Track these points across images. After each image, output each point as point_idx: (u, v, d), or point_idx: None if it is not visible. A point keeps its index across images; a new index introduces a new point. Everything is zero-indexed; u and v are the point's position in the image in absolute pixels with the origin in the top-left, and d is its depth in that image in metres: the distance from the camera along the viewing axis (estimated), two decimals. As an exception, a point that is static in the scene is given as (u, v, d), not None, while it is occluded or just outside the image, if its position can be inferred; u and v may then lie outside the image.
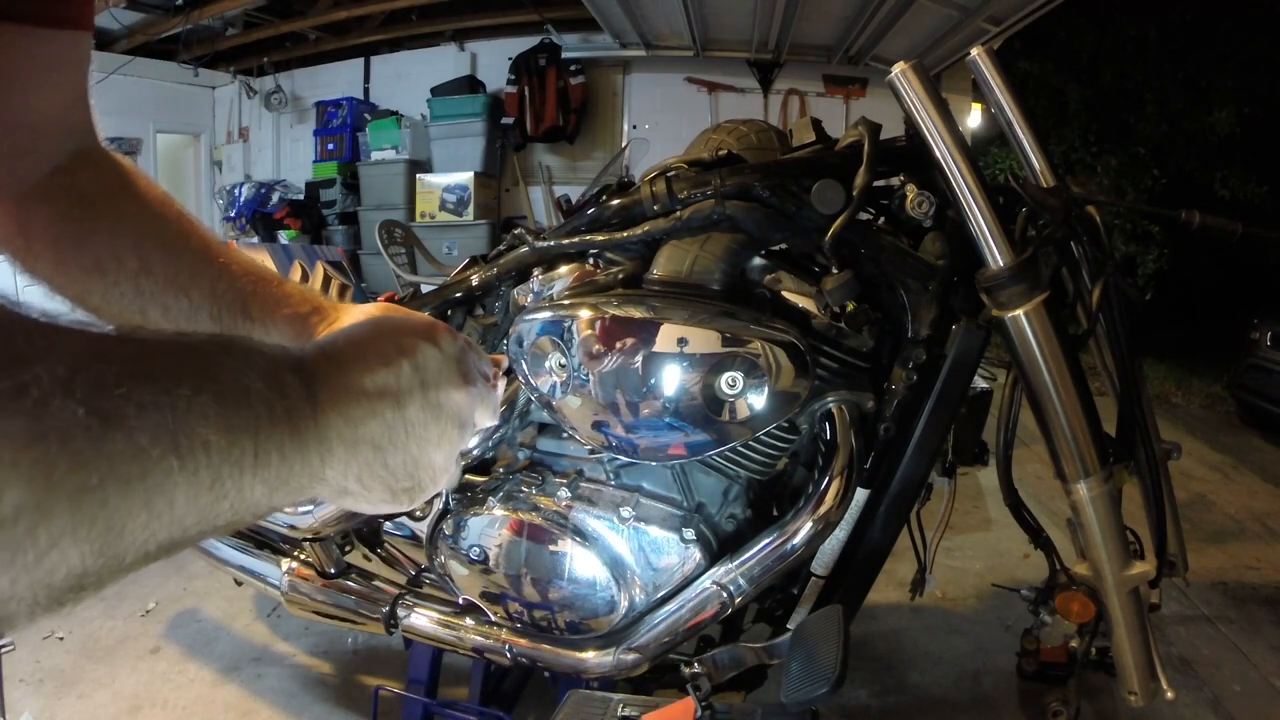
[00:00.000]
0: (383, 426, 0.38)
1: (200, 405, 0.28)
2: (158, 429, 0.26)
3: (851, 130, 1.30)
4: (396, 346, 0.40)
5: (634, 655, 1.35)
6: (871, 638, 2.20)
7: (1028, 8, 4.28)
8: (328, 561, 1.62)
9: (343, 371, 0.37)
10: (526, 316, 1.30)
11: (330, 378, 0.36)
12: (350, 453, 0.36)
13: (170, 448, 0.26)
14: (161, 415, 0.26)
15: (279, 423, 0.32)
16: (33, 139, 0.54)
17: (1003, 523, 2.72)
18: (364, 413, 0.37)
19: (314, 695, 1.94)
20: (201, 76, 6.15)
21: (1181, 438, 2.62)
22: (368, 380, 0.38)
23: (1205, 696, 1.96)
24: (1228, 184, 6.59)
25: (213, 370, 0.30)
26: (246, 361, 0.31)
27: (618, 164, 4.37)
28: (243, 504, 0.30)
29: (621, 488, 1.38)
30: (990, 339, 1.30)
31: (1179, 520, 1.54)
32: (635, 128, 5.87)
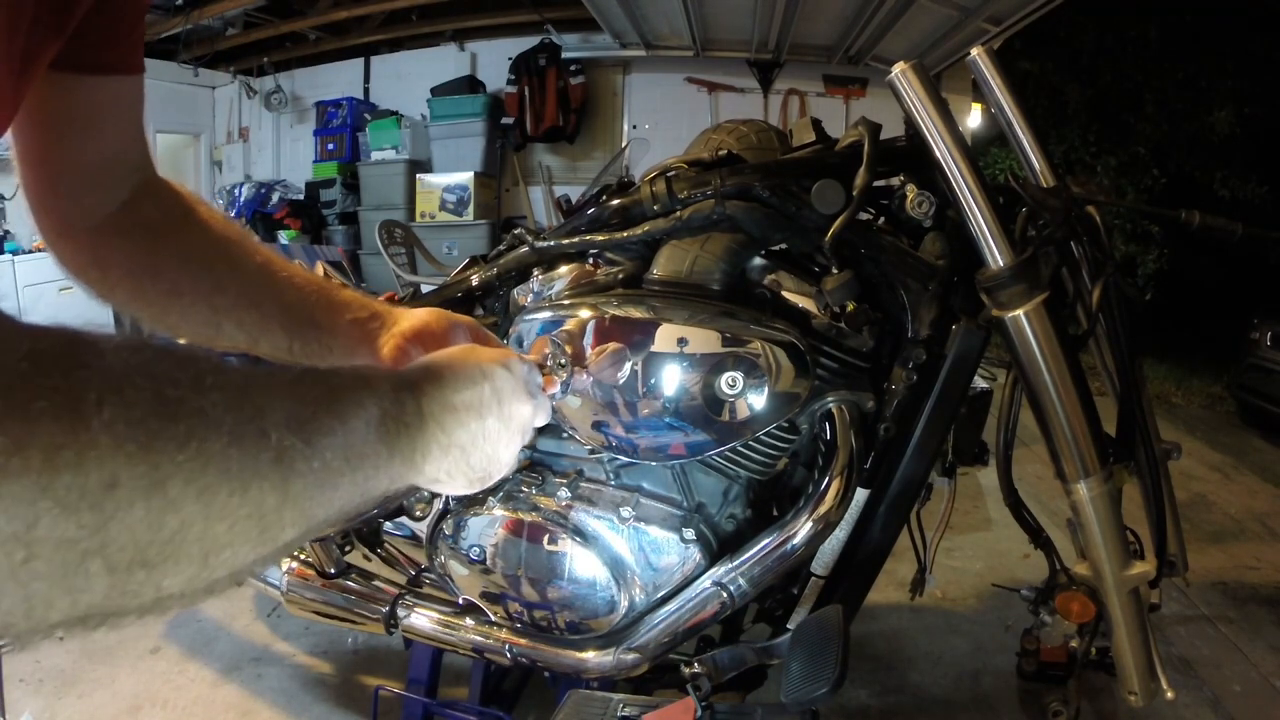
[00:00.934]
0: (468, 434, 0.47)
1: (359, 429, 0.39)
2: (338, 447, 0.37)
3: (851, 130, 1.30)
4: (481, 371, 0.50)
5: (634, 655, 1.35)
6: (871, 638, 2.20)
7: (1028, 8, 4.28)
8: (328, 561, 1.62)
9: (441, 391, 0.47)
10: (526, 316, 1.31)
11: (433, 396, 0.46)
12: (443, 453, 0.46)
13: (344, 460, 0.37)
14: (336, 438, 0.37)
15: (400, 435, 0.42)
16: (97, 178, 0.58)
17: (1003, 523, 2.73)
18: (455, 423, 0.47)
19: (314, 695, 1.94)
20: (201, 76, 6.14)
21: (1181, 438, 2.62)
22: (458, 398, 0.47)
23: (1205, 696, 1.96)
24: (1228, 184, 6.59)
25: (362, 400, 0.40)
26: (379, 391, 0.42)
27: (618, 164, 4.37)
28: (374, 492, 0.41)
29: (621, 488, 1.38)
30: (990, 339, 1.30)
31: (1179, 520, 1.53)
32: (635, 128, 5.87)
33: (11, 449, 0.25)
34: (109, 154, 0.59)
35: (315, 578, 1.63)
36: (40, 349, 0.27)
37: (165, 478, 0.29)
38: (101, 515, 0.27)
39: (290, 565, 1.65)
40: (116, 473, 0.27)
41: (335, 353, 0.63)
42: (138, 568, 0.29)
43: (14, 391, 0.26)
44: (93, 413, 0.27)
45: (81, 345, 0.29)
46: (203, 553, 0.31)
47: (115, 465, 0.27)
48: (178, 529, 0.29)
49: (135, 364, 0.29)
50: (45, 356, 0.27)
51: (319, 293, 0.63)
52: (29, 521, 0.25)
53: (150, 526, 0.28)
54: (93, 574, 0.27)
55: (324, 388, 0.39)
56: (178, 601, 0.31)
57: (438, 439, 0.45)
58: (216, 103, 6.49)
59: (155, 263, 0.61)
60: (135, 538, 0.28)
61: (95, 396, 0.27)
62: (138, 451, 0.28)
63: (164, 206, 0.62)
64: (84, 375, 0.27)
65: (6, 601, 0.26)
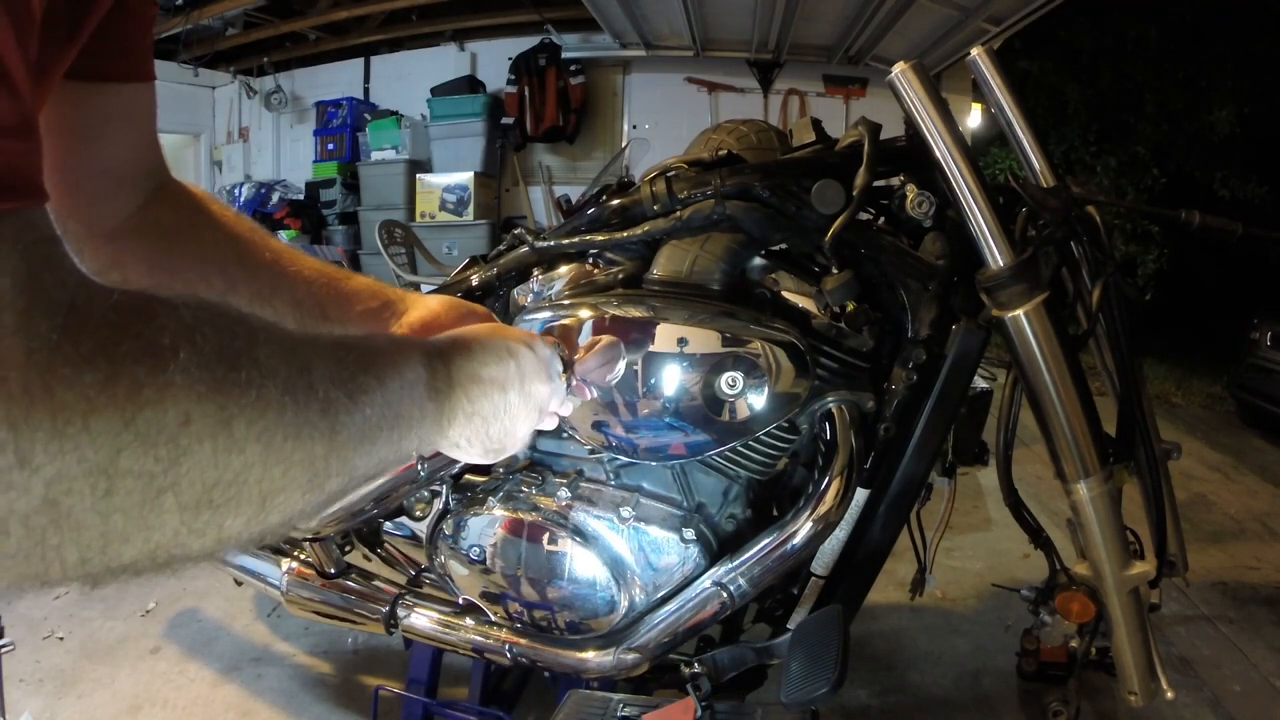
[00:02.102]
0: (490, 405, 0.51)
1: (395, 389, 0.42)
2: (377, 405, 0.40)
3: (851, 130, 1.30)
4: (507, 349, 0.54)
5: (634, 655, 1.35)
6: (871, 638, 2.20)
7: (1028, 8, 4.28)
8: (328, 561, 1.62)
9: (470, 362, 0.51)
10: (526, 316, 1.30)
11: (461, 366, 0.50)
12: (467, 420, 0.50)
13: (384, 416, 0.41)
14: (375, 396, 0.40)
15: (430, 400, 0.46)
16: (114, 183, 0.60)
17: (1003, 523, 2.73)
18: (480, 393, 0.50)
19: (314, 695, 1.94)
20: (201, 76, 6.14)
21: (1181, 438, 2.62)
22: (485, 371, 0.51)
23: (1205, 696, 1.96)
24: (1228, 184, 6.58)
25: (399, 365, 0.44)
26: (413, 358, 0.46)
27: (618, 164, 4.36)
28: (407, 450, 0.44)
29: (621, 488, 1.38)
30: (990, 339, 1.30)
31: (1179, 520, 1.54)
32: (635, 128, 5.87)
33: (101, 385, 0.28)
34: (125, 160, 0.60)
35: (315, 578, 1.63)
36: (124, 301, 0.30)
37: (231, 418, 0.31)
38: (176, 450, 0.30)
39: (290, 565, 1.65)
40: (190, 410, 0.30)
41: None
42: (205, 506, 0.31)
43: (102, 335, 0.28)
44: (169, 356, 0.30)
45: (157, 299, 0.32)
46: (261, 495, 0.33)
47: (189, 404, 0.30)
48: (241, 470, 0.32)
49: (203, 317, 0.32)
50: (128, 307, 0.30)
51: (329, 285, 0.65)
52: (113, 453, 0.28)
53: (217, 465, 0.31)
54: (165, 509, 0.30)
55: (362, 350, 0.42)
56: (235, 543, 0.34)
57: (463, 406, 0.49)
58: (216, 103, 6.49)
59: (172, 263, 0.63)
60: (204, 475, 0.31)
61: (170, 342, 0.30)
62: (207, 393, 0.31)
63: (179, 208, 0.64)
64: (161, 324, 0.30)
65: (86, 534, 0.28)
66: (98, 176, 0.59)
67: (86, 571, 0.29)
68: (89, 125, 0.57)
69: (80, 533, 0.28)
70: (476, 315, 0.66)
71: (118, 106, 0.58)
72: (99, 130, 0.58)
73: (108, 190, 0.60)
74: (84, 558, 0.28)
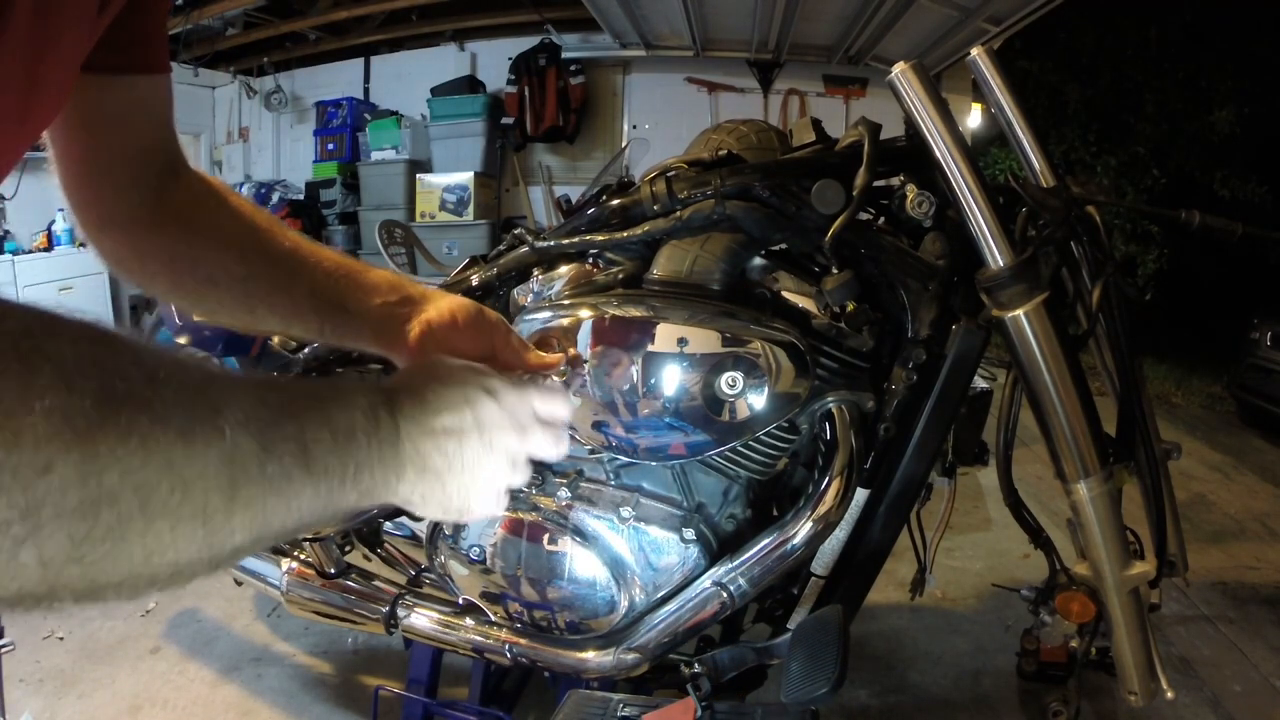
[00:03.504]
0: (444, 459, 0.46)
1: (325, 441, 0.39)
2: (297, 456, 0.37)
3: (851, 130, 1.30)
4: (465, 397, 0.49)
5: (634, 655, 1.35)
6: (871, 638, 2.20)
7: (1028, 8, 4.28)
8: (328, 561, 1.62)
9: (422, 411, 0.46)
10: (526, 316, 1.30)
11: (411, 415, 0.45)
12: (418, 476, 0.45)
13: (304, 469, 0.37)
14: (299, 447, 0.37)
15: (373, 451, 0.42)
16: (132, 174, 0.60)
17: (1003, 523, 2.72)
18: (432, 447, 0.46)
19: (314, 695, 1.94)
20: (201, 76, 6.13)
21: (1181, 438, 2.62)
22: (438, 421, 0.46)
23: (1205, 696, 1.96)
24: (1228, 184, 6.57)
25: (329, 413, 0.40)
26: (353, 404, 0.42)
27: (618, 164, 4.36)
28: (342, 504, 0.41)
29: (621, 488, 1.38)
30: (990, 339, 1.30)
31: (1179, 520, 1.53)
32: (635, 128, 5.86)
33: None
34: (142, 151, 0.61)
35: (315, 578, 1.63)
36: (4, 329, 0.28)
37: (102, 468, 0.29)
38: (34, 497, 0.27)
39: (290, 565, 1.65)
40: (52, 458, 0.28)
41: (364, 336, 0.64)
42: (72, 561, 0.29)
43: None
44: (36, 397, 0.28)
45: (42, 329, 0.29)
46: (144, 551, 0.31)
47: (51, 450, 0.28)
48: (114, 524, 0.29)
49: (90, 355, 0.30)
50: (6, 338, 0.28)
51: (348, 276, 0.64)
52: None
53: (85, 518, 0.29)
54: (24, 562, 0.28)
55: (293, 394, 0.39)
56: (115, 593, 0.32)
57: (413, 460, 0.45)
58: (216, 103, 6.48)
59: (192, 253, 0.63)
60: (69, 529, 0.28)
61: (44, 382, 0.28)
62: (74, 439, 0.28)
63: (197, 198, 0.64)
64: (37, 361, 0.28)
65: None
66: (116, 167, 0.60)
67: None
68: (107, 117, 0.57)
69: None
70: (490, 322, 0.65)
71: (135, 98, 0.58)
72: (117, 121, 0.58)
73: (126, 180, 0.60)
74: None
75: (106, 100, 0.57)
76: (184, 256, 0.63)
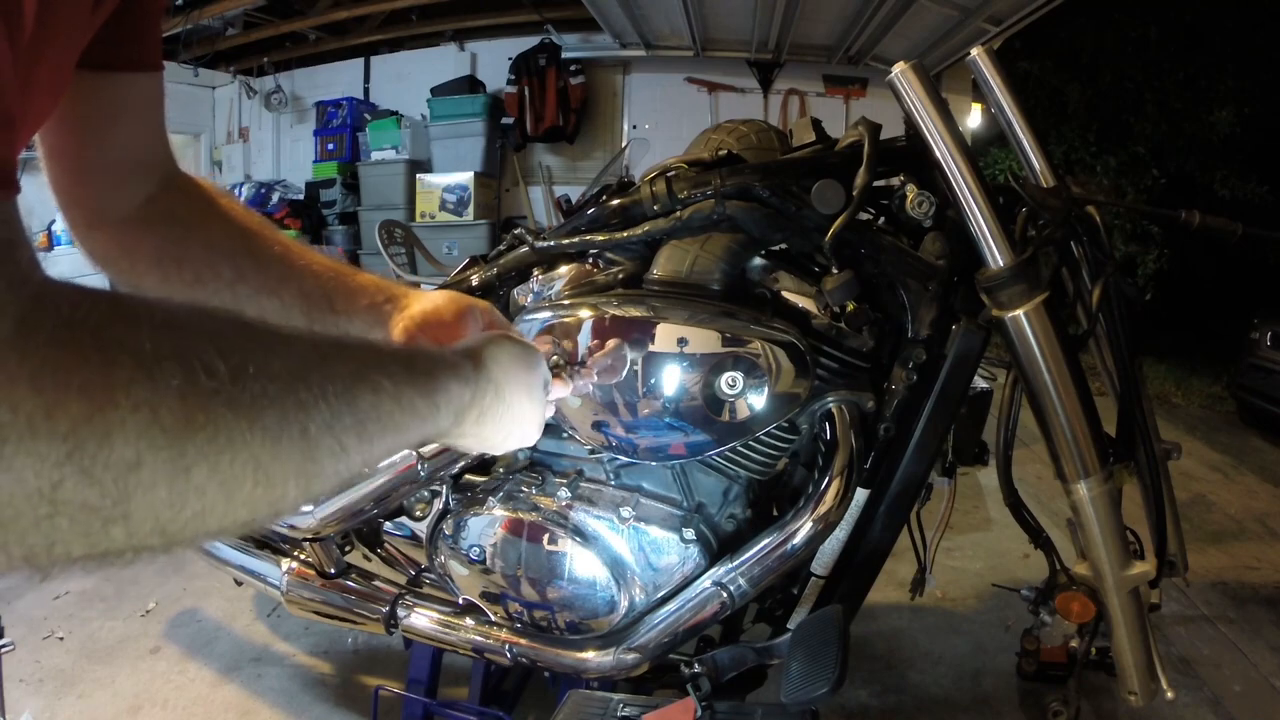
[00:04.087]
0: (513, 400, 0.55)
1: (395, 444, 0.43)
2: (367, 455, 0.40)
3: (851, 130, 1.30)
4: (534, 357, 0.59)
5: (634, 655, 1.35)
6: (871, 638, 2.20)
7: (1028, 8, 4.28)
8: (328, 561, 1.62)
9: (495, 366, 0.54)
10: (526, 316, 1.30)
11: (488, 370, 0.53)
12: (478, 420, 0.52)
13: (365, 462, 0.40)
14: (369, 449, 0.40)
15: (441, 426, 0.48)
16: (123, 173, 0.60)
17: (1003, 523, 2.72)
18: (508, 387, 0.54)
19: (314, 695, 1.94)
20: (201, 76, 6.14)
21: (1181, 438, 2.62)
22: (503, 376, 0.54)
23: (1205, 696, 1.96)
24: (1228, 184, 6.57)
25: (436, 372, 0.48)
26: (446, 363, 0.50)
27: (618, 164, 4.36)
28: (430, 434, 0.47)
29: (621, 488, 1.38)
30: (990, 339, 1.30)
31: (1179, 520, 1.53)
32: (635, 128, 5.87)
33: (42, 411, 0.26)
34: (134, 150, 0.61)
35: (315, 578, 1.63)
36: (79, 317, 0.28)
37: (190, 464, 0.30)
38: (124, 489, 0.28)
39: (290, 565, 1.65)
40: (141, 454, 0.28)
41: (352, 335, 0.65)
42: (156, 534, 0.30)
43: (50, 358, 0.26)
44: (122, 393, 0.28)
45: (120, 319, 0.29)
46: (219, 524, 0.32)
47: (140, 447, 0.28)
48: (199, 511, 0.31)
49: (169, 347, 0.30)
50: (83, 325, 0.28)
51: (336, 279, 0.65)
52: (54, 481, 0.26)
53: (172, 506, 0.30)
54: (114, 535, 0.29)
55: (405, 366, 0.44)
56: (188, 546, 0.33)
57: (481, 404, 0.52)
58: (216, 103, 6.49)
59: (181, 253, 0.63)
60: (156, 515, 0.29)
61: (125, 376, 0.28)
62: (162, 436, 0.29)
63: (188, 199, 0.64)
64: (115, 353, 0.28)
65: (30, 540, 0.27)
66: (108, 165, 0.60)
67: (33, 565, 0.28)
68: (100, 114, 0.57)
69: (24, 539, 0.27)
70: (477, 309, 0.67)
71: (128, 96, 0.58)
72: (110, 119, 0.58)
73: (118, 179, 0.60)
74: (29, 556, 0.27)
75: (99, 97, 0.56)
76: (172, 257, 0.63)
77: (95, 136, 0.58)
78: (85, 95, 0.55)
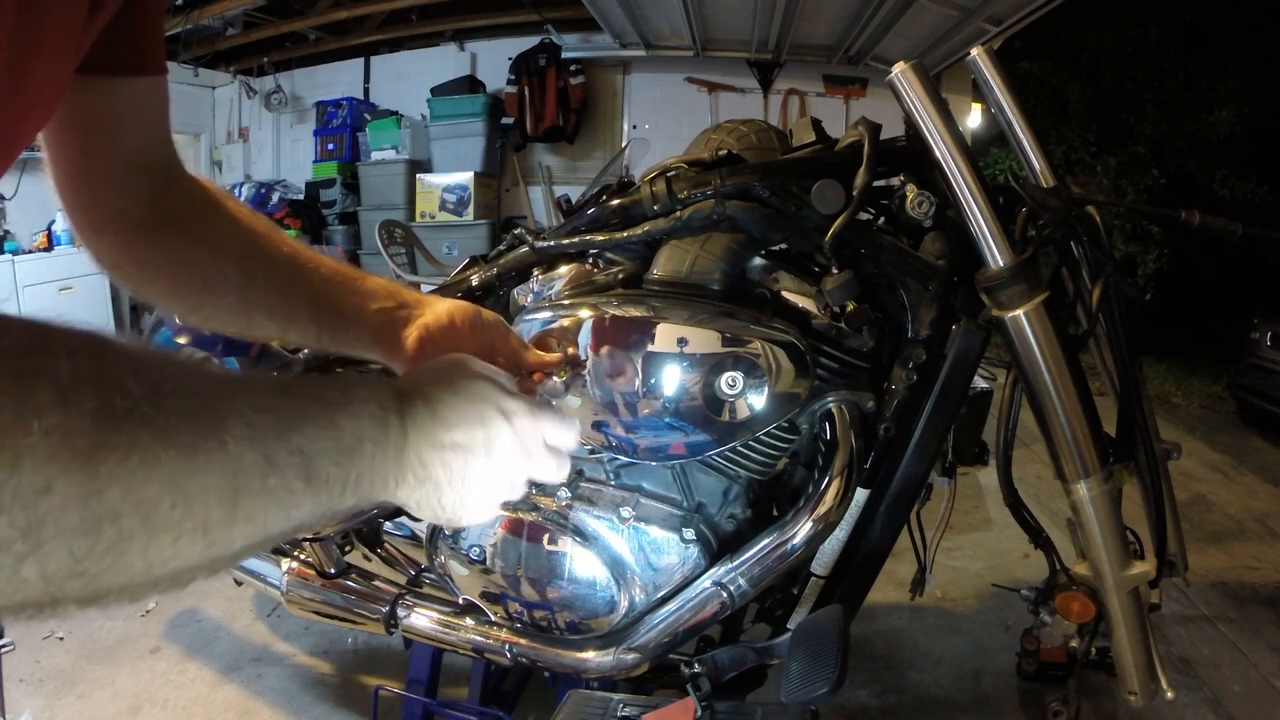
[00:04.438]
0: (446, 473, 0.46)
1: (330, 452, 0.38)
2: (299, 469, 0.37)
3: (851, 130, 1.30)
4: (480, 418, 0.48)
5: (634, 655, 1.35)
6: (871, 638, 2.20)
7: (1028, 8, 4.28)
8: (328, 561, 1.62)
9: (433, 423, 0.46)
10: (526, 316, 1.30)
11: (422, 427, 0.45)
12: (418, 483, 0.45)
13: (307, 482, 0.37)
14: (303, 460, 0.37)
15: (376, 459, 0.42)
16: (128, 177, 0.60)
17: (1003, 523, 2.72)
18: (437, 460, 0.45)
19: (314, 695, 1.94)
20: (201, 76, 6.13)
21: (1181, 438, 2.62)
22: (448, 436, 0.46)
23: (1205, 696, 1.96)
24: (1228, 184, 6.57)
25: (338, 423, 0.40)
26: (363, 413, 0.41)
27: (618, 164, 4.36)
28: (337, 510, 0.40)
29: (621, 488, 1.38)
30: (990, 339, 1.30)
31: (1179, 520, 1.53)
32: (635, 128, 5.87)
33: None
34: (138, 153, 0.60)
35: (315, 578, 1.63)
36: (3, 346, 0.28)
37: (102, 487, 0.29)
38: (35, 516, 0.27)
39: (290, 565, 1.65)
40: (51, 478, 0.27)
41: (362, 341, 0.64)
42: (74, 576, 0.29)
43: None
44: (34, 416, 0.27)
45: (39, 347, 0.29)
46: (145, 563, 0.31)
47: (50, 470, 0.27)
48: (116, 540, 0.29)
49: (88, 370, 0.30)
50: (5, 354, 0.28)
51: (345, 283, 0.64)
52: None
53: (86, 536, 0.29)
54: (27, 578, 0.28)
55: (300, 400, 0.39)
56: (117, 598, 0.32)
57: (414, 469, 0.44)
58: (216, 103, 6.48)
59: (188, 258, 0.62)
60: (71, 545, 0.28)
61: (42, 400, 0.28)
62: (74, 459, 0.28)
63: (194, 202, 0.63)
64: (32, 380, 0.28)
65: None
66: (112, 170, 0.59)
67: None
68: (103, 118, 0.57)
69: None
70: (487, 323, 0.65)
71: (130, 100, 0.58)
72: (113, 123, 0.58)
73: (122, 183, 0.60)
74: None
75: (101, 102, 0.56)
76: (180, 261, 0.62)
77: (99, 141, 0.58)
78: (88, 100, 0.55)
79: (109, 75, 0.55)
